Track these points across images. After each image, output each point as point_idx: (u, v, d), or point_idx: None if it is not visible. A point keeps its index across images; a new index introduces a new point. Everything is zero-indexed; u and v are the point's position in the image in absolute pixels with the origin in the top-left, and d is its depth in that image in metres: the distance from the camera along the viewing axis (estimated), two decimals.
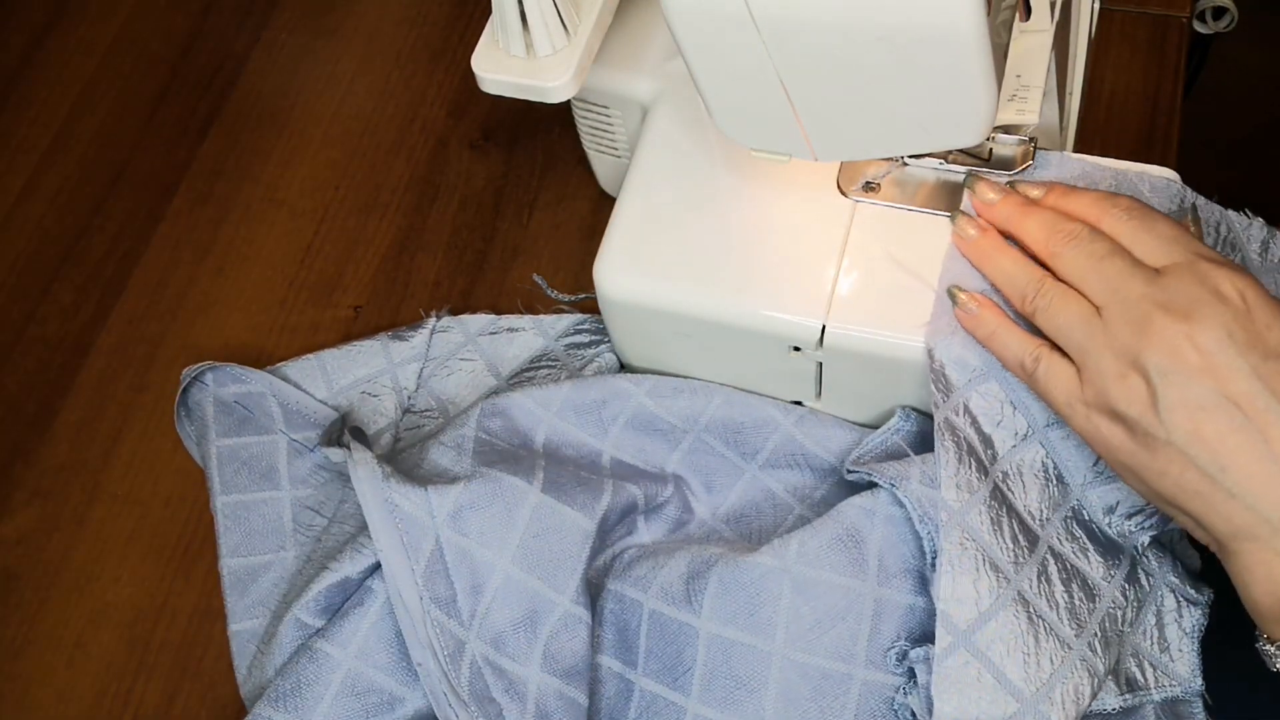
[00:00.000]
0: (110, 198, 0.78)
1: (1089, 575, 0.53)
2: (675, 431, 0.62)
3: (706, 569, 0.56)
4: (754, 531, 0.60)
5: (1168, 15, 0.76)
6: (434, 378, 0.67)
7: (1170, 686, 0.54)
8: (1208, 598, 0.55)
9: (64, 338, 0.73)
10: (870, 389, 0.59)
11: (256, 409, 0.66)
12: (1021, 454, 0.54)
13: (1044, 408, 0.54)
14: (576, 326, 0.68)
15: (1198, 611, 0.55)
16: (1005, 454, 0.54)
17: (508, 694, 0.55)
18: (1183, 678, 0.54)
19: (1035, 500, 0.54)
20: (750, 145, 0.53)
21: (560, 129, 0.77)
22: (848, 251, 0.57)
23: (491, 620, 0.56)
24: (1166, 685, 0.54)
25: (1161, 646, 0.55)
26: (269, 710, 0.55)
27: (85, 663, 0.63)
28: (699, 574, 0.56)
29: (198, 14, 0.85)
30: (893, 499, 0.55)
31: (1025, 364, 0.52)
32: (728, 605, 0.55)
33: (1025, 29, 0.57)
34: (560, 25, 0.57)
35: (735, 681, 0.54)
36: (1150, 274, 0.49)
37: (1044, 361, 0.51)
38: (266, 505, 0.64)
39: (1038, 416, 0.54)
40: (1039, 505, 0.54)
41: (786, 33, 0.46)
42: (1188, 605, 0.55)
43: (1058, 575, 0.52)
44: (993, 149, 0.58)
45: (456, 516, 0.56)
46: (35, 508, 0.67)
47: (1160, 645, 0.55)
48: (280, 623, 0.58)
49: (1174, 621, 0.55)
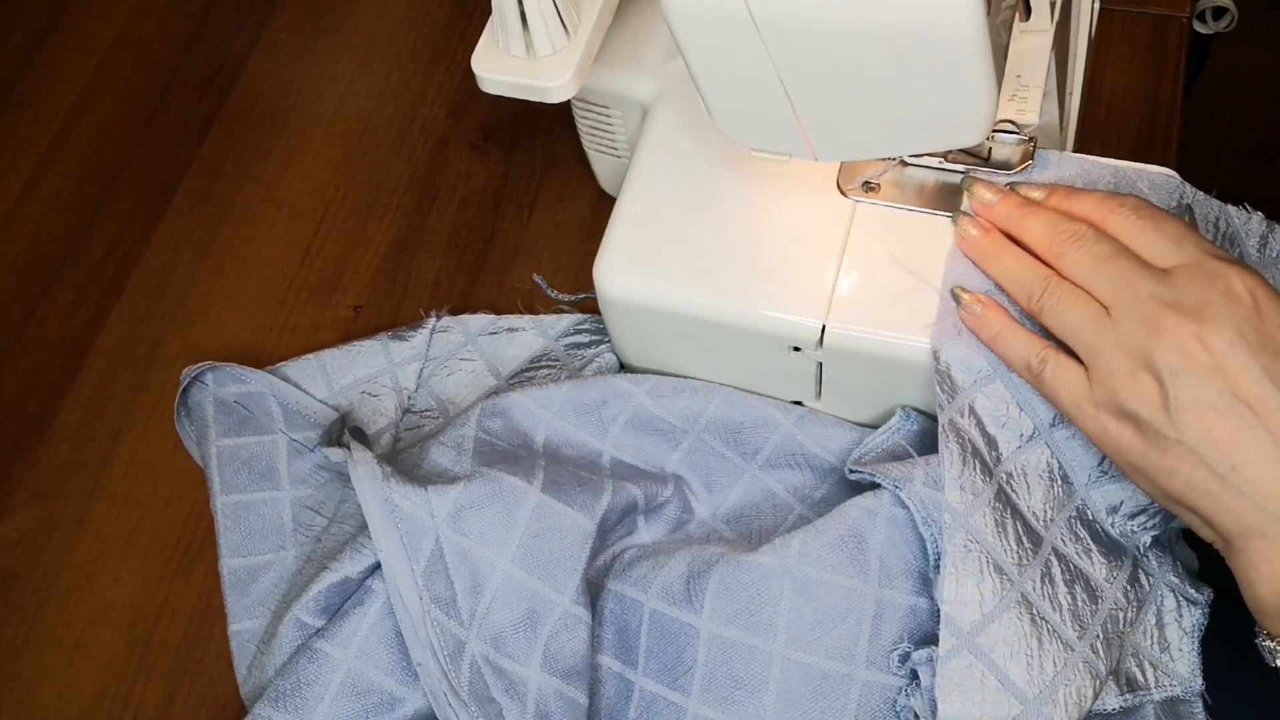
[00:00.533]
0: (110, 198, 0.78)
1: (1092, 576, 0.53)
2: (675, 431, 0.62)
3: (707, 569, 0.56)
4: (754, 531, 0.60)
5: (1168, 15, 0.76)
6: (434, 378, 0.67)
7: (1170, 686, 0.54)
8: (1207, 597, 0.55)
9: (64, 338, 0.73)
10: (870, 389, 0.59)
11: (256, 409, 0.66)
12: (1026, 455, 0.54)
13: (1049, 407, 0.54)
14: (576, 326, 0.68)
15: (1197, 611, 0.55)
16: (1010, 455, 0.54)
17: (508, 694, 0.55)
18: (1183, 677, 0.54)
19: (1040, 501, 0.54)
20: (750, 145, 0.53)
21: (560, 129, 0.77)
22: (848, 251, 0.57)
23: (491, 620, 0.56)
24: (1167, 685, 0.54)
25: (1162, 646, 0.55)
26: (269, 710, 0.55)
27: (85, 663, 0.63)
28: (700, 574, 0.56)
29: (198, 14, 0.85)
30: (895, 500, 0.55)
31: (1031, 365, 0.52)
32: (729, 605, 0.55)
33: (1025, 29, 0.57)
34: (560, 25, 0.57)
35: (735, 682, 0.54)
36: (1159, 273, 0.49)
37: (1051, 363, 0.51)
38: (266, 505, 0.64)
39: (1043, 416, 0.54)
40: (1043, 506, 0.54)
41: (786, 33, 0.46)
42: (1187, 605, 0.55)
43: (1061, 577, 0.52)
44: (992, 149, 0.58)
45: (456, 516, 0.56)
46: (35, 508, 0.67)
47: (1160, 645, 0.55)
48: (280, 623, 0.58)
49: (1174, 621, 0.55)
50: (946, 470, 0.53)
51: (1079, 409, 0.51)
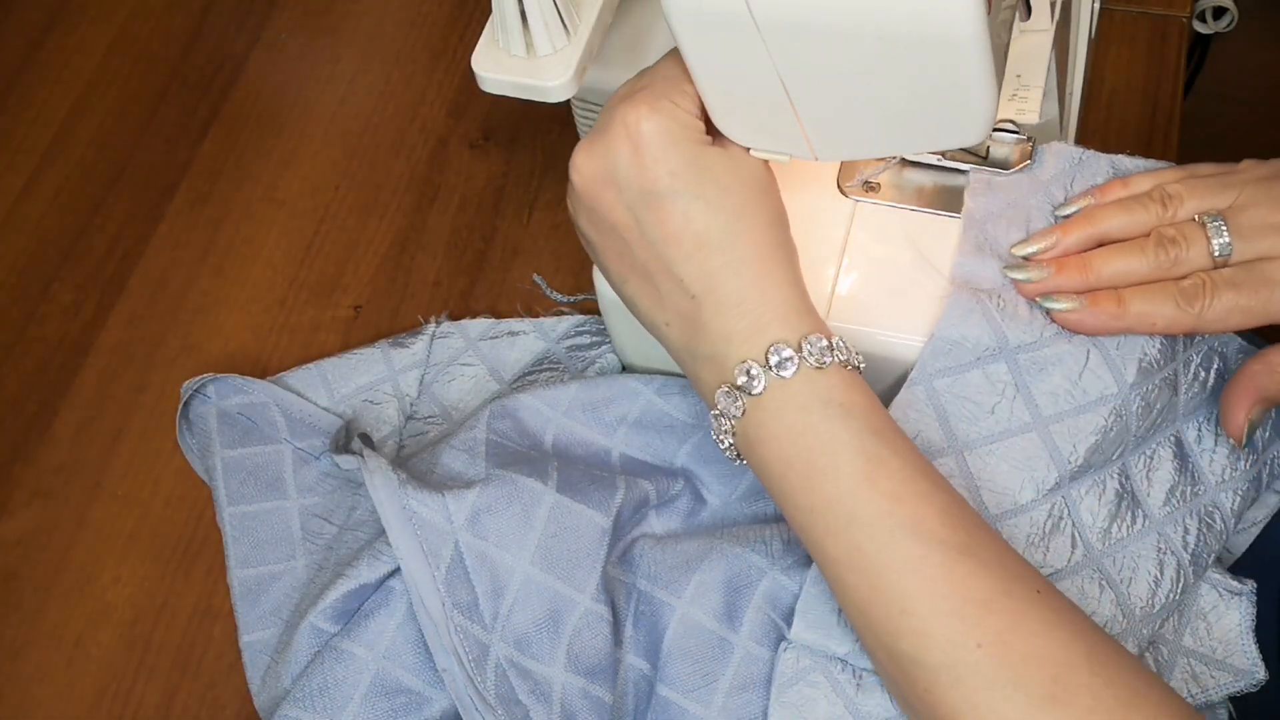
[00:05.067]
0: (110, 198, 0.78)
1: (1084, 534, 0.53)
2: (684, 427, 0.62)
3: (750, 585, 0.56)
4: (768, 512, 0.60)
5: (1168, 15, 0.76)
6: (436, 384, 0.67)
7: (1232, 683, 0.54)
8: (1251, 588, 0.55)
9: (64, 338, 0.73)
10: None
11: (260, 419, 0.66)
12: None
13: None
14: (577, 328, 0.68)
15: (1245, 602, 0.55)
16: (968, 437, 0.54)
17: (533, 695, 0.55)
18: (1243, 671, 0.54)
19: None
20: (750, 145, 0.53)
21: (560, 129, 0.77)
22: (848, 251, 0.57)
23: (514, 622, 0.56)
24: (1229, 683, 0.54)
25: (1214, 646, 0.54)
26: (296, 711, 0.55)
27: (85, 663, 0.63)
28: (742, 588, 0.56)
29: (198, 14, 0.85)
30: None
31: (1185, 294, 0.52)
32: (773, 629, 0.55)
33: (1025, 29, 0.57)
34: (560, 25, 0.57)
35: (764, 708, 0.54)
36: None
37: (1208, 285, 0.52)
38: (274, 515, 0.64)
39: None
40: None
41: (787, 33, 0.46)
42: (1232, 598, 0.55)
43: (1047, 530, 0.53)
44: (990, 148, 0.58)
45: (475, 520, 0.56)
46: (35, 508, 0.67)
47: (1212, 645, 0.54)
48: (295, 631, 0.58)
49: (1220, 618, 0.55)
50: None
51: None
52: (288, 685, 0.57)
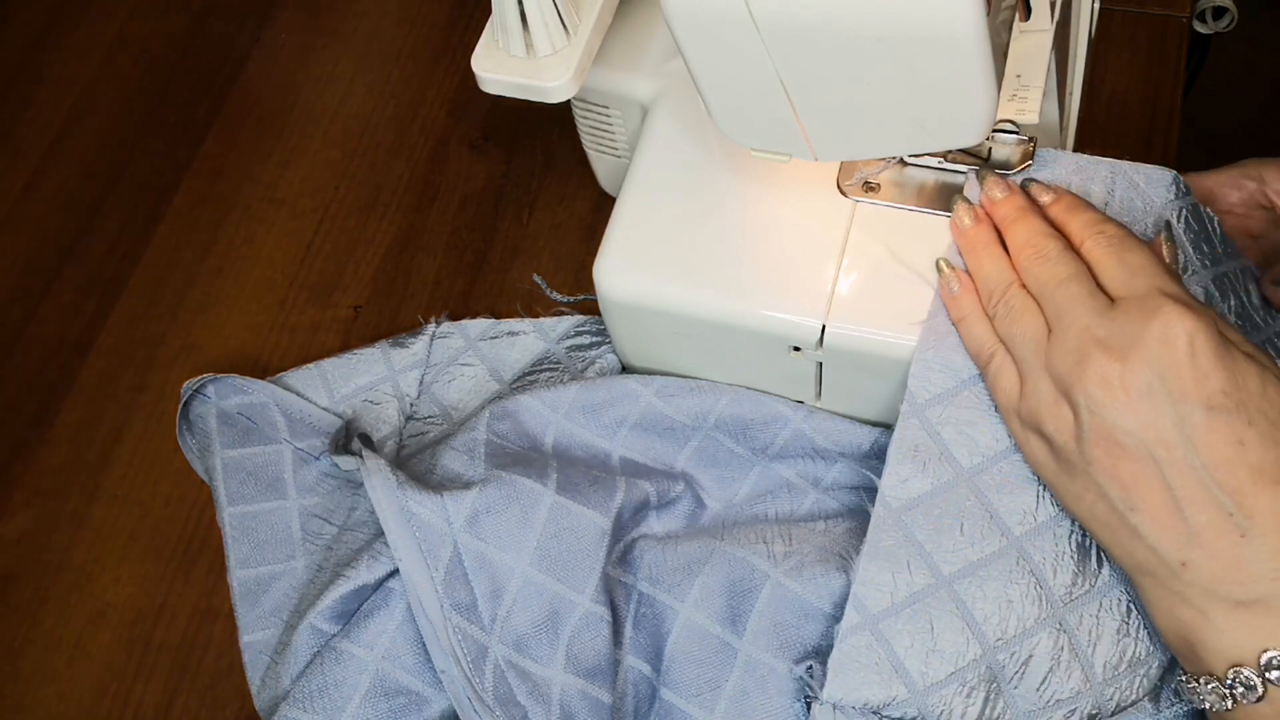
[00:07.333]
0: (110, 198, 0.78)
1: (1047, 586, 0.52)
2: (684, 430, 0.62)
3: (753, 591, 0.56)
4: (769, 514, 0.60)
5: (1168, 15, 0.76)
6: (436, 384, 0.67)
7: None
8: None
9: (64, 338, 0.73)
10: (870, 389, 0.59)
11: (260, 419, 0.66)
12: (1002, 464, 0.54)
13: None
14: (577, 328, 0.68)
15: None
16: (982, 462, 0.54)
17: (532, 696, 0.55)
18: None
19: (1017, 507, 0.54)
20: (750, 145, 0.54)
21: (560, 129, 0.77)
22: (848, 251, 0.57)
23: (513, 624, 0.56)
24: None
25: None
26: (296, 712, 0.55)
27: (85, 663, 0.63)
28: (745, 593, 0.56)
29: (198, 14, 0.85)
30: None
31: (981, 355, 0.53)
32: (776, 635, 0.55)
33: (1025, 29, 0.57)
34: (560, 25, 0.57)
35: (768, 713, 0.54)
36: (1104, 305, 0.49)
37: (997, 360, 0.53)
38: (274, 515, 0.64)
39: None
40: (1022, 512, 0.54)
41: (787, 33, 0.46)
42: None
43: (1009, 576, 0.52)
44: (992, 149, 0.58)
45: (473, 521, 0.56)
46: (35, 508, 0.67)
47: None
48: (294, 632, 0.58)
49: None
50: (890, 460, 0.54)
51: (1008, 415, 0.52)
52: (287, 686, 0.57)
